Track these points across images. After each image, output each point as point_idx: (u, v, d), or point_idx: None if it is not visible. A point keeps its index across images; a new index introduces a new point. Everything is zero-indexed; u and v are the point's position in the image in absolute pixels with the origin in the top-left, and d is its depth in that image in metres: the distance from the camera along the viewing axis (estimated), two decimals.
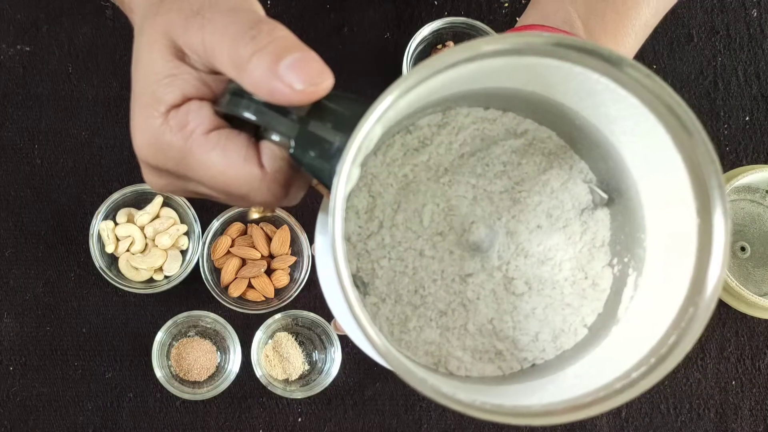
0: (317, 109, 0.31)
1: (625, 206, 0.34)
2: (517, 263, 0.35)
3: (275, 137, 0.32)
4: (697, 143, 0.29)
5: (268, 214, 0.36)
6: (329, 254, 0.28)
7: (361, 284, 0.35)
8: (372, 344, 0.28)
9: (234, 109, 0.32)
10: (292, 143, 0.31)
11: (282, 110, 0.31)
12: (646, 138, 0.31)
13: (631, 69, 0.29)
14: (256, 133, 0.33)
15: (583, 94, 0.31)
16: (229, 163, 0.32)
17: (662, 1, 0.52)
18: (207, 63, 0.33)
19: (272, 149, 0.32)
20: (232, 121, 0.33)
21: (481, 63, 0.29)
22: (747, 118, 0.79)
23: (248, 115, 0.31)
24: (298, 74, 0.29)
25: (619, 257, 0.35)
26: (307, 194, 0.39)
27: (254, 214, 0.37)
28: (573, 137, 0.35)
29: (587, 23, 0.48)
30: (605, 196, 0.35)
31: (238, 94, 0.32)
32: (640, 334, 0.31)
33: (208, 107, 0.33)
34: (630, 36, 0.50)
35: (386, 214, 0.35)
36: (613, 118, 0.32)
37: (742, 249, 0.76)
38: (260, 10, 0.35)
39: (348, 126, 0.29)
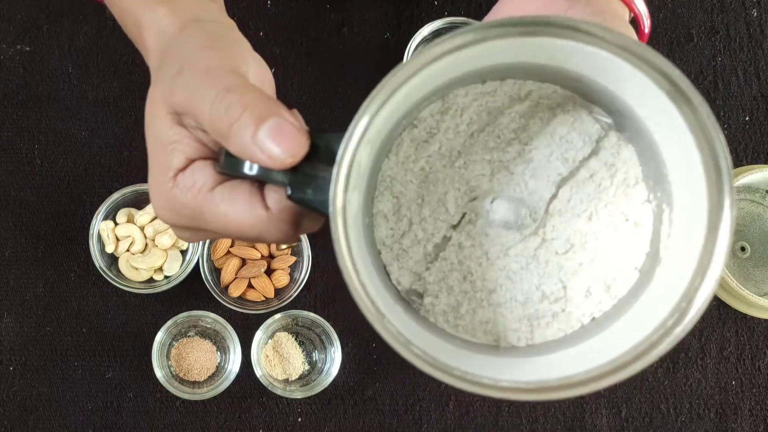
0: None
1: (639, 138, 0.34)
2: (554, 223, 0.35)
3: (276, 180, 0.34)
4: (686, 91, 0.30)
5: (294, 244, 0.38)
6: (344, 279, 0.30)
7: (416, 296, 0.36)
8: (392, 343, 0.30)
9: (230, 169, 0.35)
10: (289, 189, 0.33)
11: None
12: (635, 83, 0.31)
13: (602, 33, 0.30)
14: (260, 180, 0.35)
15: (568, 55, 0.32)
16: (236, 211, 0.35)
17: None
18: (196, 122, 0.36)
19: (276, 191, 0.35)
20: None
21: (460, 53, 0.31)
22: (747, 118, 0.79)
23: (244, 172, 0.34)
24: (277, 144, 0.32)
25: (654, 193, 0.34)
26: None
27: (281, 246, 0.39)
28: (577, 89, 0.35)
29: None
30: (608, 120, 0.35)
31: (231, 154, 0.34)
32: (677, 274, 0.31)
33: (210, 166, 0.36)
34: None
35: (413, 210, 0.36)
36: (603, 69, 0.32)
37: (742, 249, 0.76)
38: (239, 60, 0.38)
39: (332, 156, 0.31)
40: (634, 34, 0.47)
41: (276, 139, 0.32)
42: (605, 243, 0.35)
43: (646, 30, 0.48)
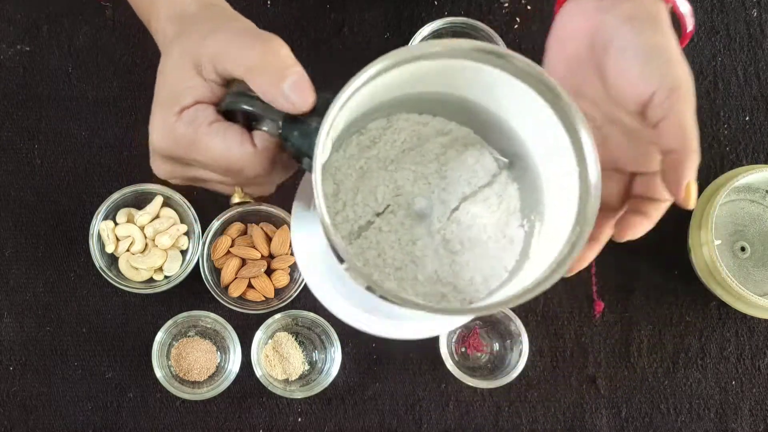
0: None
1: (527, 176, 0.46)
2: (452, 228, 0.45)
3: (265, 127, 0.43)
4: (564, 101, 0.41)
5: (248, 200, 0.47)
6: (315, 203, 0.39)
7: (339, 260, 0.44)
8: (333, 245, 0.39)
9: (236, 105, 0.42)
10: (281, 125, 0.41)
11: (271, 105, 0.42)
12: (532, 110, 0.42)
13: (515, 59, 0.40)
14: (248, 126, 0.44)
15: (486, 87, 0.43)
16: (228, 145, 0.42)
17: None
18: (219, 69, 0.43)
19: (262, 134, 0.43)
20: (230, 118, 0.44)
21: (412, 66, 0.41)
22: (747, 118, 0.79)
23: (247, 108, 0.42)
24: (296, 94, 0.40)
25: (528, 218, 0.46)
26: None
27: (236, 198, 0.46)
28: (484, 129, 0.47)
29: None
30: (505, 160, 0.46)
31: (239, 94, 0.42)
32: (544, 261, 0.42)
33: (212, 107, 0.43)
34: None
35: (348, 196, 0.45)
36: (508, 103, 0.43)
37: (742, 249, 0.76)
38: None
39: (320, 112, 0.39)
40: (666, 34, 0.48)
41: (297, 91, 0.40)
42: (487, 249, 0.45)
43: (689, 29, 0.52)
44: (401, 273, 0.44)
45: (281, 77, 0.40)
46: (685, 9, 0.50)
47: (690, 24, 0.51)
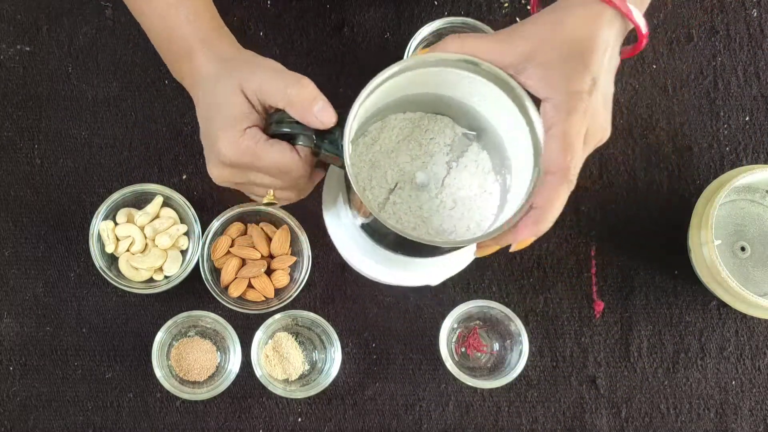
0: None
1: (493, 143, 0.61)
2: (446, 191, 0.62)
3: (301, 142, 0.57)
4: (515, 88, 0.55)
5: (275, 202, 0.60)
6: (353, 187, 0.55)
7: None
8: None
9: (280, 128, 0.57)
10: (315, 140, 0.57)
11: (306, 125, 0.57)
12: (491, 96, 0.57)
13: (482, 65, 0.55)
14: (289, 143, 0.58)
15: (457, 85, 0.58)
16: (281, 154, 0.57)
17: None
18: (261, 100, 0.57)
19: (301, 147, 0.57)
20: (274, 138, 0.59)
21: (397, 78, 0.56)
22: (747, 118, 0.79)
23: (288, 130, 0.57)
24: (323, 115, 0.55)
25: (500, 174, 0.62)
26: (307, 197, 0.59)
27: (266, 200, 0.60)
28: (456, 115, 0.63)
29: None
30: (473, 133, 0.62)
31: (279, 122, 0.57)
32: (515, 204, 0.56)
33: (261, 131, 0.58)
34: None
35: (366, 182, 0.62)
36: (472, 93, 0.58)
37: (742, 249, 0.76)
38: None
39: (341, 124, 0.55)
40: (586, 83, 0.52)
41: (323, 113, 0.55)
42: (474, 202, 0.62)
43: (644, 31, 0.56)
44: (416, 232, 0.61)
45: (312, 105, 0.55)
46: (641, 22, 0.55)
47: (644, 32, 0.56)
